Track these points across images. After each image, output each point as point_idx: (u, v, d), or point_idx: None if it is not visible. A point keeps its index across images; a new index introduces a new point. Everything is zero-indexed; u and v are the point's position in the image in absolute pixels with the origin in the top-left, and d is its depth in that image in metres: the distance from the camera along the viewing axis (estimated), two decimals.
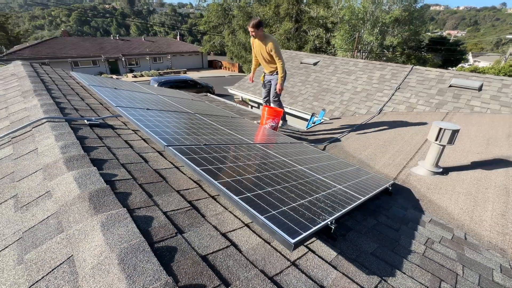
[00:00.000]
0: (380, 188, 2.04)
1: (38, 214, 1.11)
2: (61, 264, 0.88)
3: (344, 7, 17.47)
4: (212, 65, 35.71)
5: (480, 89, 5.43)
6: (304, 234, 1.04)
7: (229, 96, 13.25)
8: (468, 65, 38.51)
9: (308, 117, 6.08)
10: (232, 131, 2.79)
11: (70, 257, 0.90)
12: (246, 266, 1.00)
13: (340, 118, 5.73)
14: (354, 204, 1.55)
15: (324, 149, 3.61)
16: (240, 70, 30.33)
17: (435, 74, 6.24)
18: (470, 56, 45.63)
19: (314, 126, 5.51)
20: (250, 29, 3.49)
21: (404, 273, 1.26)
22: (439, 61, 24.52)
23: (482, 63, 39.84)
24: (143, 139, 2.06)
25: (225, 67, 33.85)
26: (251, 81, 4.16)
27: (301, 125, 6.30)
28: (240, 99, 8.84)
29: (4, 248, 0.98)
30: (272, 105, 4.10)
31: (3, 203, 1.20)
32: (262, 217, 1.09)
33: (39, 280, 0.84)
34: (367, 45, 17.95)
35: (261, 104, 7.86)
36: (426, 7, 20.48)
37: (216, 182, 1.33)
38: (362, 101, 6.13)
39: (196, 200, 1.37)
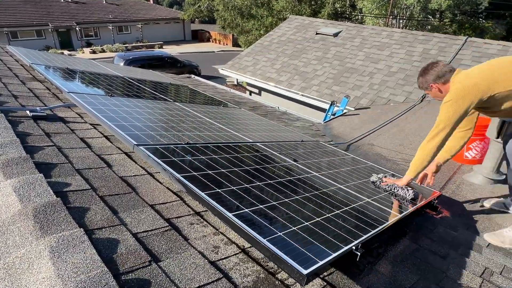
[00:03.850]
0: (422, 202, 2.05)
1: None
2: None
3: None
4: (198, 36, 35.68)
5: None
6: (321, 263, 1.05)
7: (220, 79, 13.24)
8: None
9: (326, 106, 6.09)
10: (224, 126, 2.80)
11: None
12: None
13: (369, 107, 5.74)
14: (387, 223, 1.55)
15: (347, 150, 3.63)
16: (235, 44, 30.22)
17: (496, 48, 6.23)
18: None
19: (334, 118, 5.52)
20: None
21: None
22: (502, 31, 24.44)
23: None
24: (105, 137, 2.06)
25: (215, 39, 33.81)
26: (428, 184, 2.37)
27: (317, 117, 6.30)
28: (235, 83, 8.85)
29: None
30: None
31: None
32: (264, 240, 1.10)
33: None
34: (406, 9, 17.89)
35: (264, 90, 7.88)
36: None
37: (203, 193, 1.33)
38: (398, 84, 6.13)
39: (177, 217, 1.38)
